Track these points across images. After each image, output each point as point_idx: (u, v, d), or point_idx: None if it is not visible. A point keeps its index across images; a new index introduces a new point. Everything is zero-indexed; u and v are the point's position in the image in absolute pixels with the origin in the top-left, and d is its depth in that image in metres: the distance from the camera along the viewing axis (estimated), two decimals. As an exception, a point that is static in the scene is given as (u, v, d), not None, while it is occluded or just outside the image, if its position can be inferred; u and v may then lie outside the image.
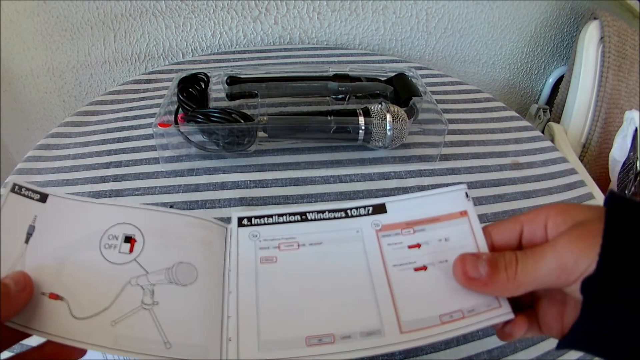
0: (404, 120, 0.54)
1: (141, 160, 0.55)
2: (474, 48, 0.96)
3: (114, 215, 0.28)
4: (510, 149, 0.61)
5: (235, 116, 0.51)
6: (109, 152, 0.57)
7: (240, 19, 0.82)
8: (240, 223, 0.31)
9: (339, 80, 0.62)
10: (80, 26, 0.79)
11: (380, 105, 0.54)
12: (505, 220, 0.28)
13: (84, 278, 0.26)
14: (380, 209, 0.31)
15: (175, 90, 0.56)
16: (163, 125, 0.52)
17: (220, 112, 0.51)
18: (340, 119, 0.54)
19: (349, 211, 0.31)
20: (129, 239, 0.28)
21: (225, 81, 0.61)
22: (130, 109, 0.65)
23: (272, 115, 0.56)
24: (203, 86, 0.59)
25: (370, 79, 0.63)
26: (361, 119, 0.53)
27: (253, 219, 0.31)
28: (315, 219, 0.31)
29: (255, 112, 0.55)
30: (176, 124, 0.54)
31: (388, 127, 0.53)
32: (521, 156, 0.60)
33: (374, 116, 0.53)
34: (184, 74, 0.58)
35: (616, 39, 0.85)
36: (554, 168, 0.60)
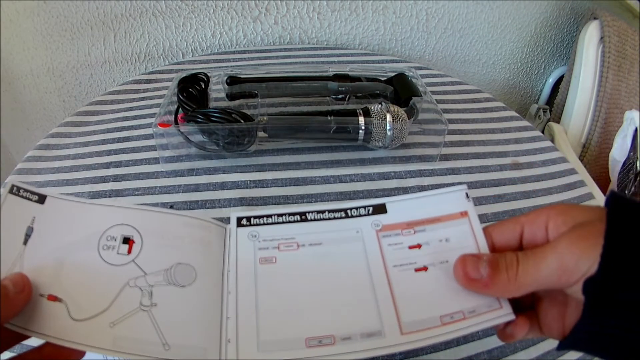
0: (404, 120, 0.54)
1: (141, 160, 0.55)
2: (474, 48, 0.96)
3: (112, 216, 0.28)
4: (510, 149, 0.61)
5: (235, 116, 0.51)
6: (109, 152, 0.57)
7: (240, 19, 0.82)
8: (239, 223, 0.30)
9: (339, 80, 0.62)
10: (80, 26, 0.79)
11: (380, 105, 0.54)
12: (506, 221, 0.28)
13: (82, 279, 0.26)
14: (381, 209, 0.31)
15: (175, 90, 0.56)
16: (163, 125, 0.52)
17: (220, 112, 0.51)
18: (340, 119, 0.54)
19: (349, 211, 0.31)
20: (127, 240, 0.28)
21: (225, 81, 0.61)
22: (130, 109, 0.65)
23: (272, 115, 0.56)
24: (203, 86, 0.59)
25: (370, 79, 0.63)
26: (361, 119, 0.53)
27: (252, 219, 0.30)
28: (315, 219, 0.30)
29: (255, 112, 0.55)
30: (176, 124, 0.54)
31: (388, 127, 0.53)
32: (521, 156, 0.60)
33: (374, 116, 0.53)
34: (184, 74, 0.58)
35: (616, 39, 0.85)
36: (554, 168, 0.60)
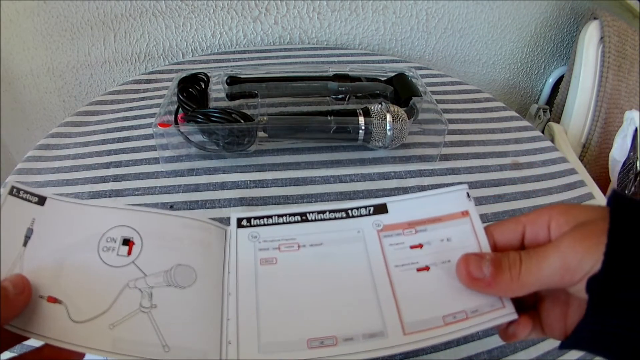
0: (404, 120, 0.54)
1: (141, 160, 0.55)
2: (474, 48, 0.96)
3: (112, 217, 0.28)
4: (510, 149, 0.61)
5: (235, 116, 0.51)
6: (109, 152, 0.57)
7: (240, 19, 0.82)
8: (239, 224, 0.30)
9: (339, 80, 0.62)
10: (80, 26, 0.79)
11: (380, 105, 0.54)
12: (507, 221, 0.28)
13: (82, 281, 0.26)
14: (382, 209, 0.31)
15: (175, 90, 0.56)
16: (163, 125, 0.52)
17: (220, 112, 0.51)
18: (340, 119, 0.54)
19: (349, 211, 0.31)
20: (127, 242, 0.28)
21: (225, 81, 0.61)
22: (130, 109, 0.65)
23: (272, 115, 0.56)
24: (203, 86, 0.59)
25: (370, 79, 0.63)
26: (361, 119, 0.53)
27: (252, 220, 0.30)
28: (315, 220, 0.30)
29: (255, 112, 0.55)
30: (176, 124, 0.54)
31: (388, 127, 0.53)
32: (521, 156, 0.60)
33: (374, 116, 0.53)
34: (184, 74, 0.58)
35: (616, 39, 0.85)
36: (554, 168, 0.60)
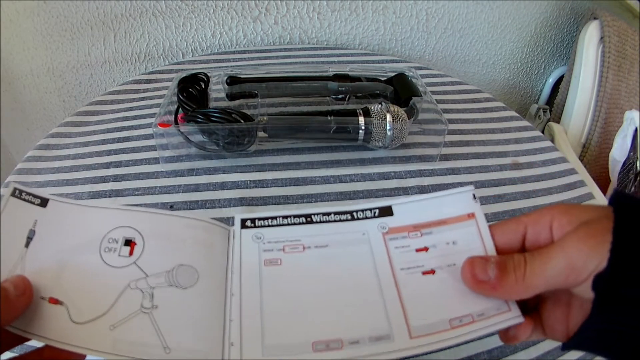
0: (404, 120, 0.54)
1: (141, 160, 0.55)
2: (474, 48, 0.96)
3: (114, 218, 0.28)
4: (510, 149, 0.61)
5: (235, 116, 0.51)
6: (109, 152, 0.57)
7: (240, 19, 0.82)
8: (243, 225, 0.30)
9: (339, 80, 0.62)
10: (80, 26, 0.79)
11: (380, 105, 0.54)
12: (508, 221, 0.28)
13: (83, 282, 0.26)
14: (387, 211, 0.31)
15: (175, 90, 0.56)
16: (163, 125, 0.52)
17: (220, 112, 0.51)
18: (340, 119, 0.54)
19: (354, 214, 0.30)
20: (128, 242, 0.27)
21: (225, 81, 0.61)
22: (130, 109, 0.65)
23: (272, 115, 0.56)
24: (203, 86, 0.59)
25: (370, 79, 0.63)
26: (361, 119, 0.53)
27: (257, 221, 0.30)
28: (320, 222, 0.30)
29: (255, 112, 0.55)
30: (176, 124, 0.54)
31: (388, 127, 0.53)
32: (521, 156, 0.60)
33: (374, 116, 0.53)
34: (184, 74, 0.58)
35: (616, 39, 0.85)
36: (554, 168, 0.60)
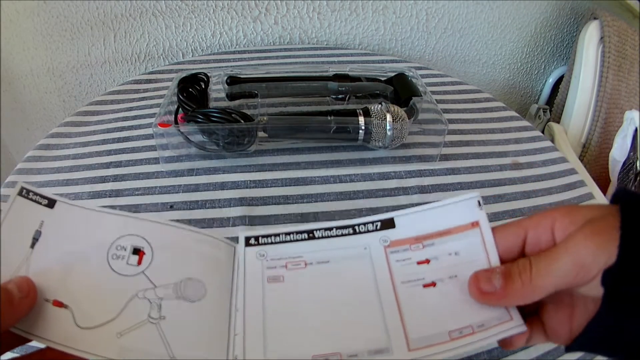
0: (404, 120, 0.54)
1: (141, 160, 0.55)
2: (474, 48, 0.96)
3: (123, 226, 0.28)
4: (510, 149, 0.61)
5: (235, 116, 0.51)
6: (109, 152, 0.57)
7: (240, 19, 0.82)
8: (247, 242, 0.31)
9: (339, 80, 0.62)
10: (80, 26, 0.79)
11: (380, 105, 0.54)
12: (508, 225, 0.27)
13: (90, 287, 0.26)
14: (389, 224, 0.31)
15: (175, 90, 0.56)
16: (163, 125, 0.52)
17: (220, 112, 0.51)
18: (340, 119, 0.54)
19: (356, 227, 0.31)
20: (137, 251, 0.27)
21: (225, 81, 0.61)
22: (130, 109, 0.65)
23: (272, 115, 0.56)
24: (203, 86, 0.59)
25: (370, 79, 0.63)
26: (361, 119, 0.53)
27: (260, 238, 0.31)
28: (322, 237, 0.30)
29: (255, 112, 0.55)
30: (176, 124, 0.54)
31: (388, 127, 0.53)
32: (521, 156, 0.60)
33: (374, 116, 0.53)
34: (184, 74, 0.58)
35: (616, 39, 0.85)
36: (554, 168, 0.60)
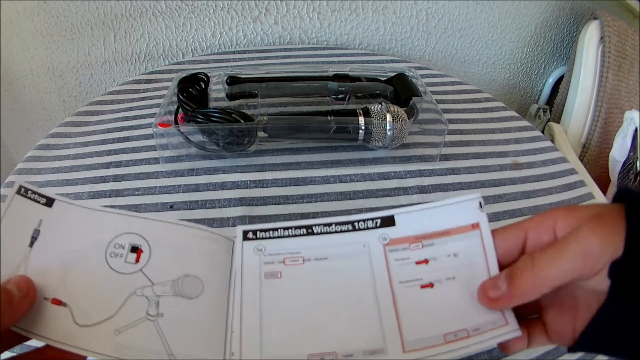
0: (404, 120, 0.54)
1: (141, 160, 0.55)
2: (474, 48, 0.96)
3: (121, 224, 0.28)
4: (510, 149, 0.61)
5: (235, 116, 0.51)
6: (109, 152, 0.57)
7: (240, 19, 0.82)
8: (245, 236, 0.30)
9: (339, 80, 0.62)
10: (80, 26, 0.79)
11: (380, 105, 0.54)
12: (508, 228, 0.27)
13: (88, 285, 0.26)
14: (389, 221, 0.30)
15: (175, 90, 0.56)
16: (163, 125, 0.52)
17: (220, 112, 0.51)
18: (340, 119, 0.54)
19: (356, 224, 0.30)
20: (135, 249, 0.28)
21: (225, 81, 0.61)
22: (130, 109, 0.65)
23: (272, 115, 0.56)
24: (203, 86, 0.59)
25: (370, 79, 0.63)
26: (361, 119, 0.53)
27: (258, 233, 0.30)
28: (321, 233, 0.30)
29: (255, 112, 0.55)
30: (176, 124, 0.54)
31: (388, 127, 0.53)
32: (521, 156, 0.60)
33: (374, 116, 0.53)
34: (184, 74, 0.58)
35: (616, 39, 0.85)
36: (554, 168, 0.60)
